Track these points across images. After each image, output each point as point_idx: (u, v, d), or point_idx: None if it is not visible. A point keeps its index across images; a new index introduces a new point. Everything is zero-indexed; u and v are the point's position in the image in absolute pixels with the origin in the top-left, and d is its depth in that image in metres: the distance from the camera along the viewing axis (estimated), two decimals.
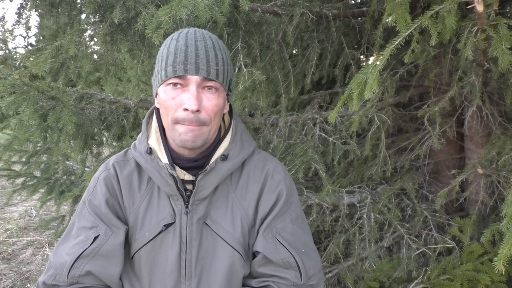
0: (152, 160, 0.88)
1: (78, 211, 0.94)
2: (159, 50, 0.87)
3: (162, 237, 0.90)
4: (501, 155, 1.70)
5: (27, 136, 1.98)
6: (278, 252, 0.89)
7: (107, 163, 0.96)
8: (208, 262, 0.90)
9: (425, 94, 2.20)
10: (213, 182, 0.89)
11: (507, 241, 1.09)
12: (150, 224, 0.90)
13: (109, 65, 2.10)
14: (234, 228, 0.91)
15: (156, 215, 0.90)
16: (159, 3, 1.64)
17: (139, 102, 2.35)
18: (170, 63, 0.80)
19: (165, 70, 0.81)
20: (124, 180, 0.93)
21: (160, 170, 0.87)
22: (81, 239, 0.88)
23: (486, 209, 1.89)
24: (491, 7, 1.11)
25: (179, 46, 0.81)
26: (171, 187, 0.88)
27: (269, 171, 0.95)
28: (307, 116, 2.24)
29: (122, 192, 0.92)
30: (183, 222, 0.89)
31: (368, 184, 2.20)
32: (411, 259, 1.81)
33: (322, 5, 2.10)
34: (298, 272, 0.89)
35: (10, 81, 1.64)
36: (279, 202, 0.93)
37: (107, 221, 0.90)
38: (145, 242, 0.90)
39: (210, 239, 0.90)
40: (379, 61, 1.15)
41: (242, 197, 0.92)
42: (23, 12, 1.76)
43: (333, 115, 1.33)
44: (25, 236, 3.63)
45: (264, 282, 0.92)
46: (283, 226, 0.92)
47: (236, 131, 0.94)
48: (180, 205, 0.90)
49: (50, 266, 0.90)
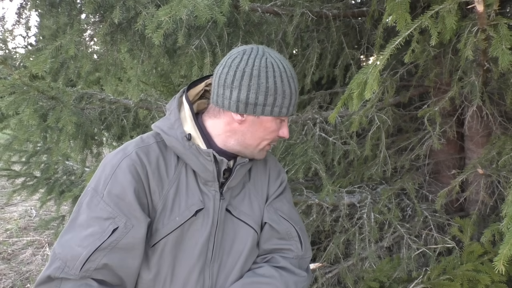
0: (190, 146, 0.91)
1: (86, 200, 0.88)
2: (257, 76, 0.89)
3: (191, 223, 0.92)
4: (501, 155, 1.70)
5: (27, 136, 1.98)
6: (281, 222, 1.03)
7: (124, 150, 0.92)
8: (229, 245, 0.98)
9: (425, 94, 2.20)
10: (242, 173, 1.00)
11: (507, 241, 1.09)
12: (179, 209, 0.91)
13: (109, 65, 2.10)
14: (253, 211, 1.02)
15: (185, 200, 0.92)
16: (159, 3, 1.64)
17: (139, 102, 2.35)
18: (286, 105, 0.92)
19: (279, 108, 0.92)
20: (153, 165, 0.91)
21: (199, 156, 0.92)
22: (96, 230, 0.83)
23: (486, 209, 1.89)
24: (491, 7, 1.11)
25: (285, 87, 0.91)
26: (209, 173, 0.93)
27: (269, 161, 1.13)
28: (307, 116, 2.24)
29: (150, 178, 0.89)
30: (216, 207, 0.95)
31: (368, 184, 2.20)
32: (411, 259, 1.81)
33: (322, 5, 2.10)
34: (299, 242, 1.03)
35: (10, 81, 1.64)
36: (281, 186, 1.10)
37: (128, 212, 0.86)
38: (175, 227, 0.90)
39: (230, 223, 0.98)
40: (379, 61, 1.15)
41: (257, 186, 1.06)
42: (23, 12, 1.76)
43: (333, 115, 1.33)
44: (25, 236, 3.63)
45: (268, 256, 1.03)
46: (281, 204, 1.07)
47: None
48: (214, 190, 0.95)
49: (56, 257, 0.84)
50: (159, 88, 3.59)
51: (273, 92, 0.91)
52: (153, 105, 2.37)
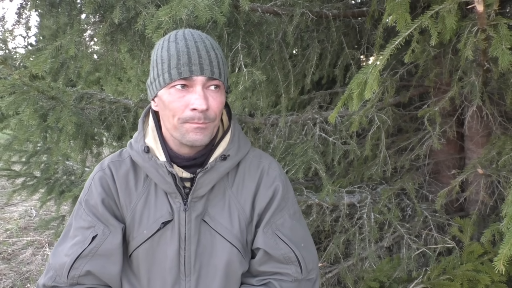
0: (149, 158, 0.89)
1: (74, 212, 0.95)
2: (154, 53, 0.87)
3: (160, 235, 0.91)
4: (501, 155, 1.70)
5: (27, 136, 1.98)
6: (279, 247, 0.91)
7: (102, 163, 0.97)
8: (207, 258, 0.92)
9: (425, 94, 2.20)
10: (212, 180, 0.90)
11: (507, 241, 1.09)
12: (148, 222, 0.91)
13: (109, 65, 2.10)
14: (232, 225, 0.92)
15: (154, 213, 0.91)
16: (159, 3, 1.64)
17: (139, 102, 2.35)
18: (174, 65, 0.81)
19: (168, 73, 0.82)
20: (120, 179, 0.93)
21: (158, 168, 0.88)
22: (79, 239, 0.89)
23: (486, 209, 1.89)
24: (491, 7, 1.11)
25: (180, 48, 0.82)
26: (169, 185, 0.89)
27: (264, 167, 0.97)
28: (307, 116, 2.24)
29: (118, 191, 0.93)
30: (182, 219, 0.90)
31: (368, 184, 2.20)
32: (411, 259, 1.81)
33: (322, 5, 2.10)
34: (298, 267, 0.92)
35: (10, 81, 1.64)
36: (276, 198, 0.95)
37: (104, 221, 0.90)
38: (143, 240, 0.90)
39: (208, 235, 0.92)
40: (379, 61, 1.15)
41: (239, 194, 0.94)
42: (23, 12, 1.75)
43: (333, 115, 1.33)
44: (25, 236, 3.62)
45: (265, 280, 0.94)
46: (282, 222, 0.94)
47: (234, 132, 0.96)
48: (178, 202, 0.91)
49: (50, 267, 0.90)
50: None
51: (161, 60, 0.83)
52: None
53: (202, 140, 0.85)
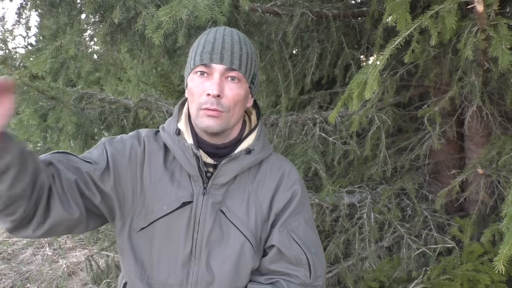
0: (179, 141, 0.94)
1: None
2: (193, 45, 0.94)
3: (178, 214, 0.92)
4: (501, 155, 1.70)
5: (27, 136, 1.98)
6: (292, 248, 0.94)
7: (138, 133, 1.00)
8: (219, 247, 0.93)
9: (425, 94, 2.20)
10: (234, 169, 0.94)
11: (507, 241, 1.09)
12: (169, 198, 0.93)
13: (109, 65, 2.10)
14: (248, 219, 0.95)
15: (176, 191, 0.93)
16: (159, 3, 1.64)
17: (139, 102, 2.35)
18: (199, 53, 0.87)
19: (193, 59, 0.89)
20: (151, 153, 0.96)
21: (185, 151, 0.92)
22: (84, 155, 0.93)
23: (486, 209, 1.89)
24: (491, 7, 1.11)
25: (208, 39, 0.89)
26: (193, 167, 0.92)
27: (285, 170, 1.01)
28: (307, 116, 2.24)
29: (145, 163, 0.95)
30: (199, 202, 0.93)
31: (368, 184, 2.20)
32: (411, 259, 1.81)
33: (322, 5, 2.10)
34: (308, 271, 0.94)
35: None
36: (293, 200, 0.97)
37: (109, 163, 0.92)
38: (161, 215, 0.92)
39: (224, 225, 0.94)
40: (379, 61, 1.15)
41: (259, 191, 0.97)
42: (23, 12, 1.76)
43: (333, 115, 1.33)
44: None
45: (273, 279, 0.96)
46: (297, 225, 0.96)
47: (261, 132, 1.00)
48: (199, 185, 0.93)
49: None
50: (159, 88, 3.60)
51: (192, 49, 0.91)
52: (153, 105, 2.37)
53: (213, 128, 0.87)
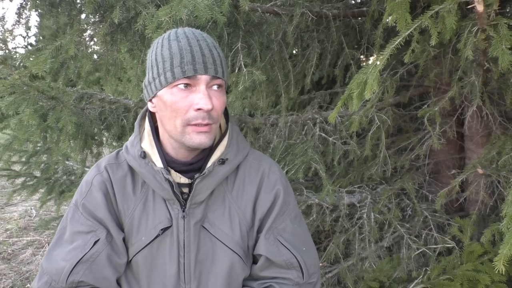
0: (146, 164, 0.87)
1: (69, 215, 0.91)
2: (153, 52, 0.84)
3: (159, 241, 0.89)
4: (501, 155, 1.70)
5: (27, 136, 1.98)
6: (281, 253, 0.90)
7: (98, 165, 0.94)
8: (207, 265, 0.90)
9: (425, 94, 2.20)
10: (210, 185, 0.88)
11: (507, 241, 1.09)
12: (146, 228, 0.89)
13: (109, 65, 2.10)
14: (233, 231, 0.90)
15: (152, 219, 0.89)
16: (159, 3, 1.64)
17: (139, 102, 2.35)
18: (177, 63, 0.78)
19: (171, 71, 0.79)
20: (118, 183, 0.90)
21: (155, 174, 0.86)
22: (79, 243, 0.86)
23: (486, 209, 1.89)
24: (491, 7, 1.11)
25: (183, 46, 0.79)
26: (167, 191, 0.86)
27: (265, 171, 0.95)
28: (307, 116, 2.24)
29: (116, 196, 0.90)
30: (180, 226, 0.88)
31: (368, 184, 2.20)
32: (411, 259, 1.81)
33: (322, 5, 2.10)
34: (300, 272, 0.91)
35: (10, 81, 1.64)
36: (277, 202, 0.93)
37: (106, 225, 0.89)
38: (141, 246, 0.89)
39: (209, 242, 0.90)
40: (379, 61, 1.15)
41: (239, 199, 0.92)
42: (23, 12, 1.75)
43: (333, 115, 1.33)
44: (25, 236, 3.62)
45: (266, 283, 0.93)
46: (283, 226, 0.92)
47: (232, 134, 0.93)
48: (176, 209, 0.88)
49: (43, 272, 0.87)
50: None
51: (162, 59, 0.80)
52: None
53: (207, 144, 0.82)
